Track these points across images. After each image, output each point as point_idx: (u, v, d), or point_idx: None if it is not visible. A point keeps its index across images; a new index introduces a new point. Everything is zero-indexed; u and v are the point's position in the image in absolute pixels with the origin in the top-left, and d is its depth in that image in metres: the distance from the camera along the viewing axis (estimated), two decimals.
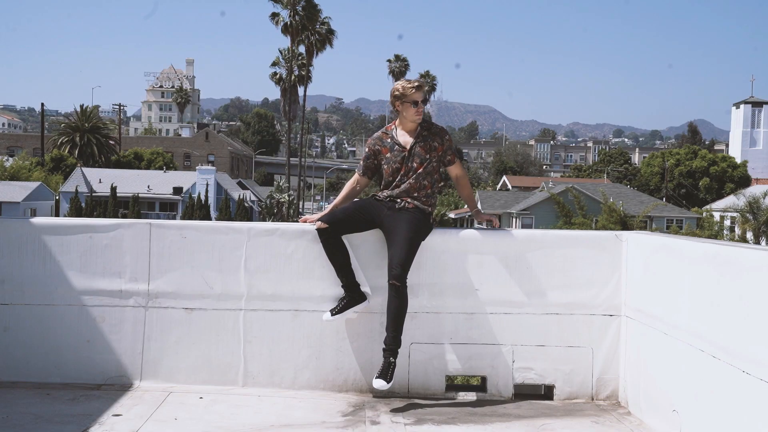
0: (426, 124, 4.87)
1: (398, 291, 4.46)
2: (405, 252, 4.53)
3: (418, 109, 4.78)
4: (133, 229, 4.84)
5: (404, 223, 4.63)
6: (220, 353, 4.81)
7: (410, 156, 4.78)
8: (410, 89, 4.76)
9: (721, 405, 3.58)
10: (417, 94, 4.76)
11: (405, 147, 4.78)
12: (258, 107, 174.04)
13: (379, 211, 4.76)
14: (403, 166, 4.78)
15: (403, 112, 4.78)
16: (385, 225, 4.71)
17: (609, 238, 4.86)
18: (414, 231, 4.62)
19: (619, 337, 4.81)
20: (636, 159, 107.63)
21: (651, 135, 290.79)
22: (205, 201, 53.43)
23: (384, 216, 4.73)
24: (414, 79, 4.82)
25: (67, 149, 70.10)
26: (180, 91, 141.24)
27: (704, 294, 3.79)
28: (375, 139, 4.95)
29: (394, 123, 4.93)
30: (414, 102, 4.77)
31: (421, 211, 4.73)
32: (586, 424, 4.40)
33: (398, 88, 4.75)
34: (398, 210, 4.71)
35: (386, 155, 4.85)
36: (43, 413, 4.22)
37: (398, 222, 4.65)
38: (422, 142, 4.79)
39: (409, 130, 4.84)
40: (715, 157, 72.28)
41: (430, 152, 4.79)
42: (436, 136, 4.83)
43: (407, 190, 4.76)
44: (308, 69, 65.01)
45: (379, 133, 4.98)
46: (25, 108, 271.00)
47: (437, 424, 4.28)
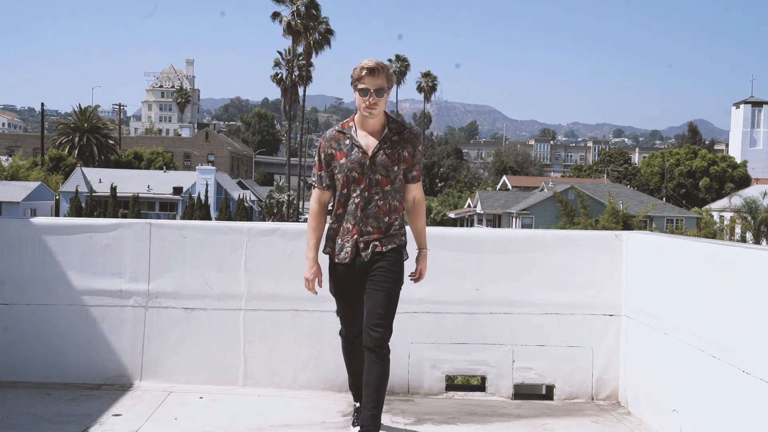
0: (396, 125, 3.80)
1: (381, 356, 3.70)
2: (386, 308, 3.72)
3: (367, 99, 3.64)
4: (133, 229, 4.84)
5: (381, 271, 3.74)
6: (220, 353, 4.81)
7: (372, 165, 3.71)
8: (359, 71, 3.64)
9: (721, 405, 3.58)
10: (367, 80, 3.63)
11: (366, 152, 3.72)
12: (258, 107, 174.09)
13: (354, 268, 3.80)
14: (362, 178, 3.72)
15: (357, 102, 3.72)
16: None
17: (609, 238, 4.87)
18: (395, 279, 3.78)
19: (619, 337, 4.81)
20: (636, 159, 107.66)
21: (651, 135, 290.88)
22: (205, 201, 53.40)
23: (358, 267, 3.79)
24: (370, 60, 3.68)
25: (66, 149, 70.08)
26: (180, 91, 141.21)
27: (704, 294, 3.79)
28: (329, 140, 3.83)
29: (353, 118, 3.83)
30: (363, 90, 3.64)
31: (399, 248, 3.82)
32: (586, 423, 4.40)
33: (353, 71, 3.70)
34: (372, 256, 3.76)
35: (340, 161, 3.75)
36: (43, 413, 4.22)
37: (373, 270, 3.76)
38: (389, 148, 3.74)
39: (372, 131, 3.76)
40: (715, 157, 72.28)
41: (398, 163, 3.76)
42: (408, 144, 3.79)
43: (375, 215, 3.75)
44: (308, 69, 65.04)
45: (333, 131, 3.85)
46: (25, 108, 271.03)
47: (437, 424, 4.27)
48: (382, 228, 3.78)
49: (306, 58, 63.71)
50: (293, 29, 58.79)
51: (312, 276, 3.88)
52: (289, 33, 59.39)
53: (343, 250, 3.80)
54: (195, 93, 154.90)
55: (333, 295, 3.97)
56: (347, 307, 3.92)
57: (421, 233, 3.98)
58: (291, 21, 58.53)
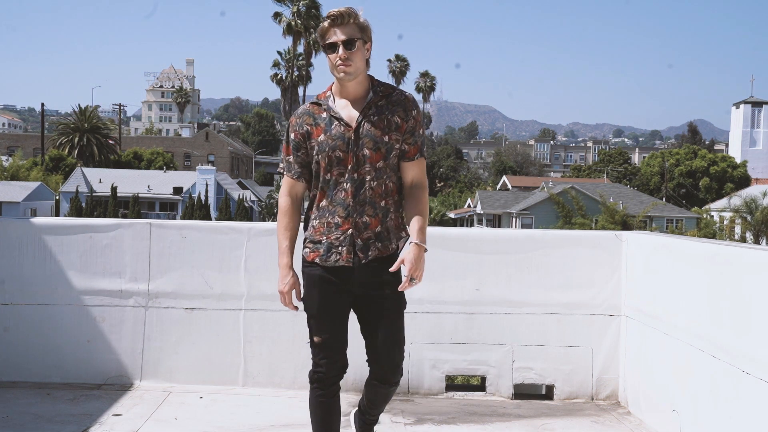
0: (382, 88, 3.09)
1: (396, 384, 3.27)
2: (400, 340, 3.15)
3: (338, 56, 2.94)
4: (133, 229, 4.84)
5: (390, 288, 3.07)
6: (220, 353, 4.82)
7: (357, 139, 3.02)
8: (322, 25, 2.99)
9: (721, 405, 3.59)
10: (332, 32, 2.95)
11: (349, 124, 3.03)
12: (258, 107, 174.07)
13: (349, 275, 3.08)
14: (348, 155, 3.02)
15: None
16: (358, 295, 3.14)
17: (609, 238, 4.87)
18: (403, 298, 3.16)
19: (618, 337, 4.81)
20: (636, 159, 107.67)
21: (651, 135, 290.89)
22: (205, 201, 53.40)
23: (356, 273, 3.08)
24: (334, 10, 2.98)
25: (66, 149, 70.09)
26: (180, 91, 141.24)
27: (704, 294, 3.79)
28: (300, 116, 3.12)
29: (330, 87, 3.13)
30: (330, 45, 2.96)
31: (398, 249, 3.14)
32: (585, 423, 4.40)
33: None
34: (369, 266, 3.05)
35: (318, 139, 3.05)
36: (43, 413, 4.23)
37: (376, 285, 3.07)
38: (375, 115, 3.03)
39: (354, 97, 3.05)
40: (715, 157, 72.27)
41: (388, 132, 3.04)
42: (398, 108, 3.07)
43: (371, 201, 3.05)
44: (308, 69, 65.08)
45: (306, 105, 3.15)
46: (25, 108, 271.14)
47: (437, 424, 4.28)
48: (379, 215, 3.07)
49: (306, 59, 63.76)
50: (293, 29, 58.83)
51: (287, 287, 3.16)
52: (290, 33, 59.43)
53: (333, 252, 3.07)
54: (195, 93, 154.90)
55: (311, 317, 3.16)
56: (332, 334, 3.11)
57: (418, 222, 3.06)
58: (291, 21, 58.57)
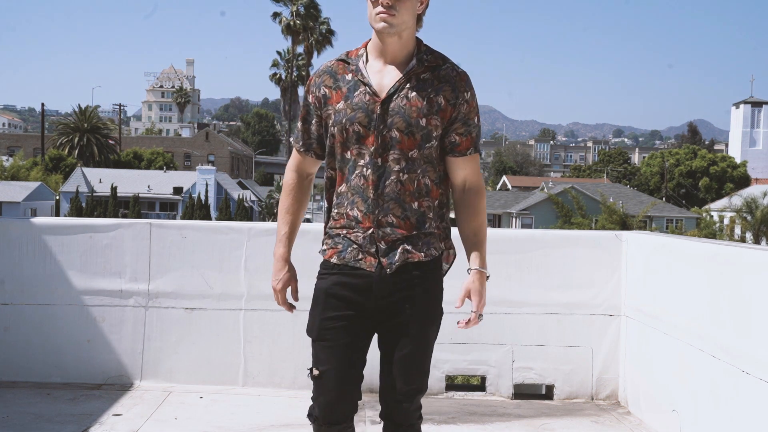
0: (431, 56, 2.44)
1: (412, 428, 2.65)
2: (425, 364, 2.54)
3: (381, 6, 2.32)
4: (133, 229, 4.84)
5: (419, 306, 2.45)
6: (220, 353, 4.81)
7: (384, 114, 2.37)
8: None
9: (721, 405, 3.59)
10: None
11: (377, 93, 2.39)
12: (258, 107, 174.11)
13: (371, 285, 2.43)
14: (371, 133, 2.38)
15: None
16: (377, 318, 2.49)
17: (609, 238, 4.87)
18: (435, 319, 2.53)
19: (618, 337, 4.81)
20: (636, 159, 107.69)
21: (651, 135, 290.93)
22: (205, 201, 53.39)
23: (379, 285, 2.43)
24: None
25: (66, 149, 70.10)
26: (180, 91, 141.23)
27: (704, 294, 3.79)
28: (321, 75, 2.50)
29: (365, 44, 2.50)
30: None
31: (435, 264, 2.52)
32: (585, 423, 4.40)
33: None
34: (394, 280, 2.42)
35: (336, 106, 2.42)
36: (43, 413, 4.23)
37: (402, 300, 2.44)
38: (414, 90, 2.38)
39: (392, 60, 2.41)
40: (715, 157, 72.28)
41: (428, 115, 2.38)
42: (446, 86, 2.41)
43: (398, 198, 2.39)
44: (308, 69, 65.07)
45: (331, 62, 2.51)
46: (25, 108, 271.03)
47: (437, 424, 4.28)
48: (411, 220, 2.42)
49: (306, 58, 63.73)
50: (292, 29, 58.82)
51: (281, 284, 2.64)
52: (289, 33, 59.41)
53: (349, 251, 2.45)
54: (195, 93, 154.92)
55: (315, 339, 2.53)
56: (341, 362, 2.43)
57: (476, 242, 2.56)
58: (290, 21, 58.56)
